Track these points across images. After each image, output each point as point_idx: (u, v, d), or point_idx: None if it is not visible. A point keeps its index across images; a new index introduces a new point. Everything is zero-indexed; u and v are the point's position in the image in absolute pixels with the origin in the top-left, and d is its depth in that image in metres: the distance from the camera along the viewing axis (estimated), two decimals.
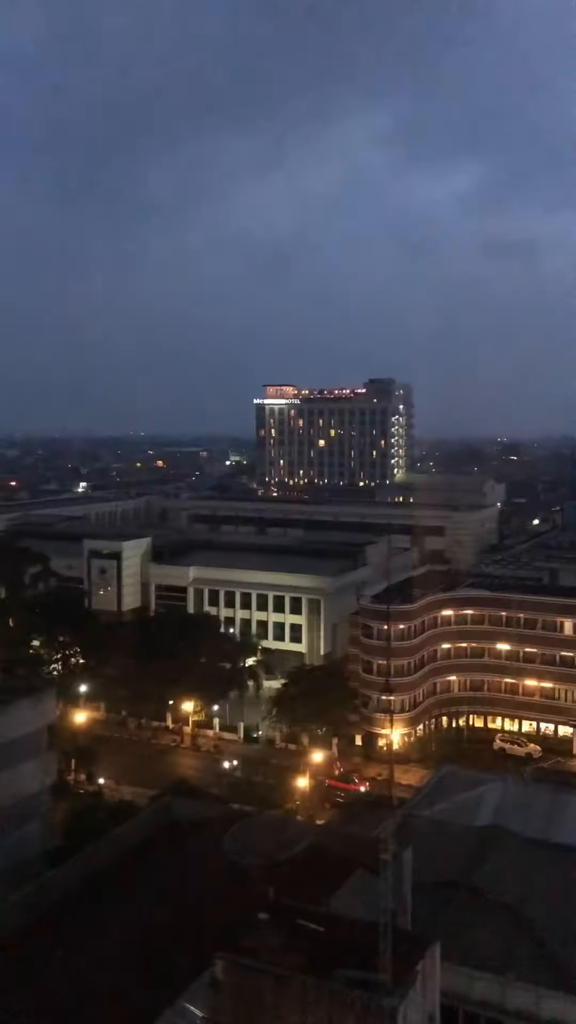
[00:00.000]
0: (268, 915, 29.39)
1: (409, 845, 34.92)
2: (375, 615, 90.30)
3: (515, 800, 55.16)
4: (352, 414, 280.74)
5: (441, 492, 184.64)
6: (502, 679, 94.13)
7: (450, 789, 58.00)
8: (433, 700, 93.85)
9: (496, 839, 45.86)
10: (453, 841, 45.80)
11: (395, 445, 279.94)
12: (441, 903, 38.08)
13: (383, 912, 27.24)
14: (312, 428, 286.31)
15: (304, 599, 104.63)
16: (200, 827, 40.40)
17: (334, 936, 28.72)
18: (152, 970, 29.44)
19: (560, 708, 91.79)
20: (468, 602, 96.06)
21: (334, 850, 36.64)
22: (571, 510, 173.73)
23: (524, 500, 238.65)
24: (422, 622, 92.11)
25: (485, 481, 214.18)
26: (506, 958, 36.22)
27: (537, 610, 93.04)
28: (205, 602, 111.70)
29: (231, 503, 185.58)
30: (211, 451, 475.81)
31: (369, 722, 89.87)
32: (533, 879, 42.62)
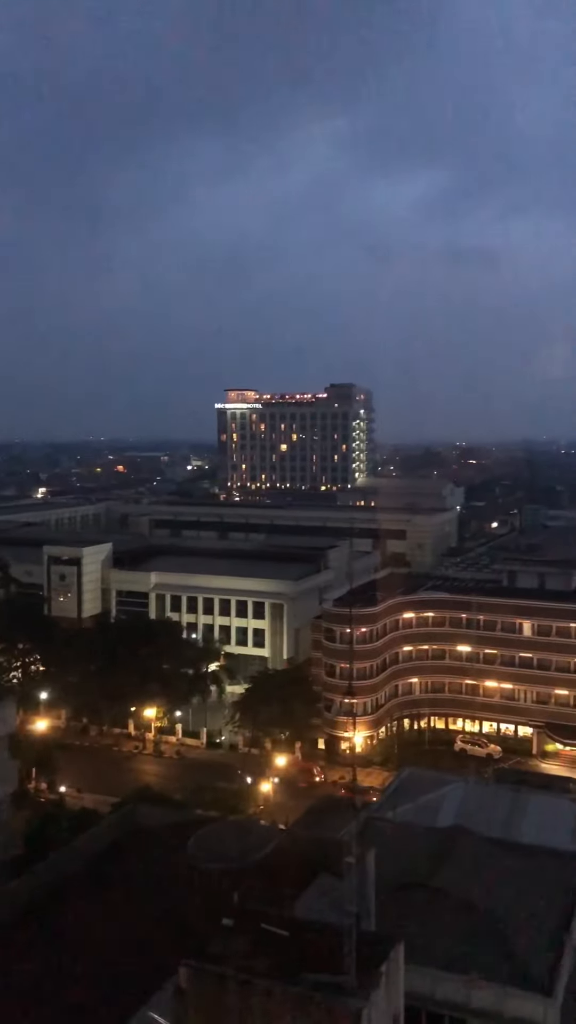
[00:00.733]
0: (232, 921, 29.34)
1: (373, 847, 35.10)
2: (337, 619, 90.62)
3: (476, 801, 55.68)
4: (313, 418, 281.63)
5: (402, 496, 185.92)
6: (463, 680, 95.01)
7: (412, 791, 58.38)
8: (395, 702, 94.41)
9: (458, 840, 46.22)
10: (416, 842, 46.09)
11: (356, 449, 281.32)
12: (405, 904, 38.31)
13: (347, 915, 27.36)
14: (274, 432, 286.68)
15: (267, 603, 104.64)
16: (163, 834, 40.22)
17: (299, 940, 28.75)
18: (116, 979, 29.24)
19: (519, 709, 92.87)
20: (429, 604, 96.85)
21: (298, 854, 36.67)
22: (528, 513, 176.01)
23: (483, 503, 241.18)
24: (384, 625, 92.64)
25: (444, 485, 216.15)
26: (469, 958, 36.52)
27: (496, 612, 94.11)
28: (167, 607, 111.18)
29: (193, 508, 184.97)
30: (172, 456, 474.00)
31: (332, 725, 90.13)
32: (495, 879, 43.04)
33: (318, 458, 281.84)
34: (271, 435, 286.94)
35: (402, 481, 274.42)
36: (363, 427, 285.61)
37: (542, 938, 38.69)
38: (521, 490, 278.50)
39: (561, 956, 37.36)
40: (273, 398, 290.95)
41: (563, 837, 51.23)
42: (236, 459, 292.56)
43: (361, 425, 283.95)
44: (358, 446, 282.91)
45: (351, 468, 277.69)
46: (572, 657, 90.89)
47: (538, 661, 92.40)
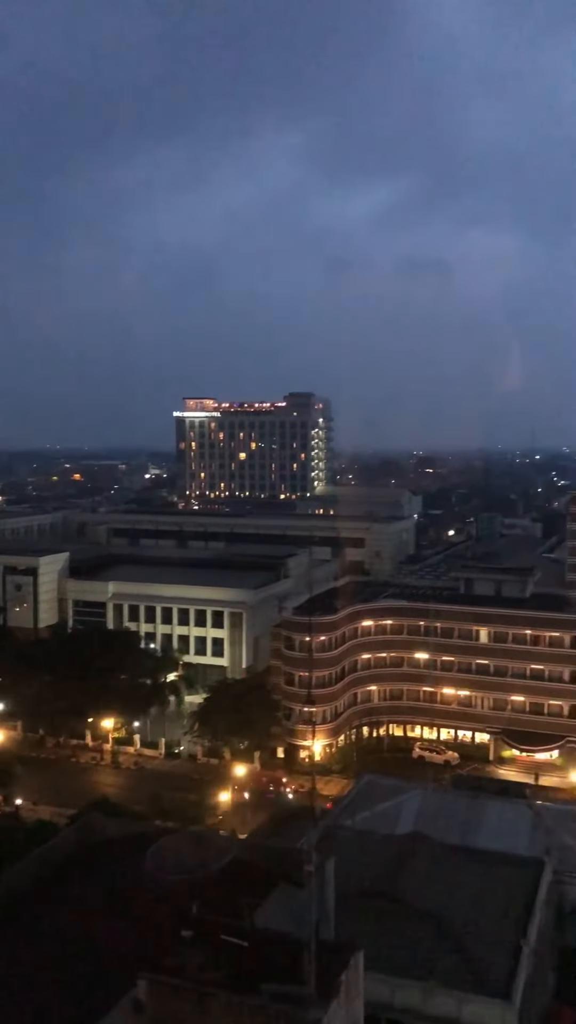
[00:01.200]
0: (191, 932, 29.15)
1: (332, 856, 35.13)
2: (297, 627, 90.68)
3: (435, 807, 56.06)
4: (272, 427, 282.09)
5: (360, 504, 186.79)
6: (420, 687, 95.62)
7: (371, 798, 58.58)
8: (354, 710, 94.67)
9: (417, 847, 46.45)
10: (374, 850, 46.23)
11: (315, 458, 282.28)
12: (364, 912, 38.38)
13: (307, 924, 27.34)
14: (233, 441, 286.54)
15: (226, 612, 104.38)
16: (121, 845, 39.82)
17: (258, 950, 28.66)
18: (73, 993, 28.88)
19: (476, 715, 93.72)
20: (387, 612, 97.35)
21: (258, 864, 36.57)
22: (484, 521, 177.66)
23: (440, 511, 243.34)
24: (343, 633, 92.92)
25: (402, 493, 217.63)
26: (428, 965, 36.70)
27: (453, 619, 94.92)
28: (125, 617, 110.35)
29: (151, 516, 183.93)
30: (130, 464, 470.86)
31: (291, 734, 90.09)
32: (453, 885, 43.32)
33: (277, 466, 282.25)
34: (230, 443, 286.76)
35: (361, 489, 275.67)
36: (322, 436, 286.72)
37: (500, 943, 39.02)
38: (477, 498, 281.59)
39: (519, 961, 37.71)
40: (232, 406, 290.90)
41: (520, 842, 51.82)
42: (195, 467, 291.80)
43: (320, 434, 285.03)
44: (317, 455, 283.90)
45: (310, 476, 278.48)
46: (528, 664, 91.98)
47: (494, 668, 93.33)
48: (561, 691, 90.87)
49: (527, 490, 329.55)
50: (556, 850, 49.91)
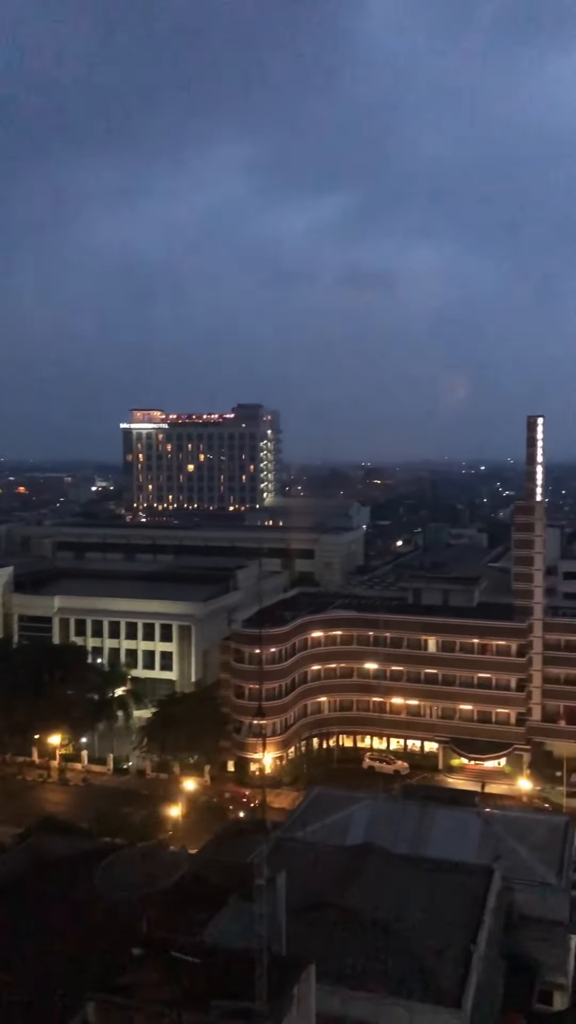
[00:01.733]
0: (142, 950, 28.82)
1: (283, 869, 35.04)
2: (246, 639, 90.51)
3: (385, 817, 56.27)
4: (221, 439, 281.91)
5: (309, 515, 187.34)
6: (370, 698, 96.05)
7: (321, 810, 58.58)
8: (304, 722, 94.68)
9: (367, 857, 46.54)
10: (325, 862, 46.22)
11: (264, 470, 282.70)
12: (315, 925, 38.32)
13: (258, 939, 27.22)
14: (181, 453, 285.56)
15: (174, 626, 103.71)
16: (70, 863, 39.22)
17: (210, 967, 28.43)
18: (22, 1017, 28.29)
19: (425, 724, 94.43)
20: (337, 623, 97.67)
21: (208, 879, 36.33)
22: (432, 531, 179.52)
23: (388, 522, 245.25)
24: (293, 644, 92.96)
25: (351, 504, 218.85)
26: (380, 975, 36.76)
27: (402, 629, 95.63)
28: (71, 632, 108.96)
29: (98, 529, 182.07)
30: (76, 477, 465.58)
31: (241, 747, 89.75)
32: (404, 895, 43.50)
33: (226, 478, 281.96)
34: (178, 455, 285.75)
35: (309, 501, 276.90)
36: (270, 447, 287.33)
37: (451, 951, 39.26)
38: (424, 509, 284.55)
39: (469, 968, 37.98)
40: (180, 418, 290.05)
41: (469, 850, 52.24)
42: (142, 480, 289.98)
43: (268, 445, 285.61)
44: (265, 466, 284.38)
45: (259, 488, 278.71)
46: (475, 672, 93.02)
47: (443, 677, 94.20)
48: (508, 699, 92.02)
49: (473, 500, 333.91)
50: (505, 857, 50.43)
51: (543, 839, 55.53)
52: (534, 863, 52.11)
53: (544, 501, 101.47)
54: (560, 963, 49.01)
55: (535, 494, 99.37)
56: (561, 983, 48.88)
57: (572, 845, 55.86)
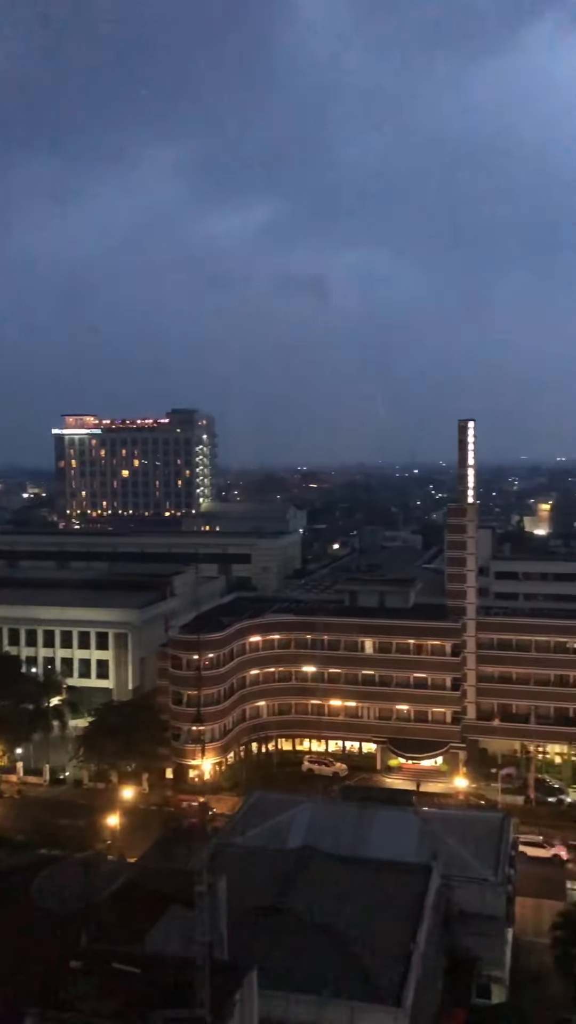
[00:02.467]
0: (81, 962, 28.47)
1: (223, 875, 34.97)
2: (184, 646, 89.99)
3: (324, 820, 56.55)
4: (156, 444, 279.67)
5: (246, 520, 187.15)
6: (309, 701, 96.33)
7: (261, 814, 58.64)
8: (243, 726, 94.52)
9: (307, 860, 46.76)
10: (266, 866, 46.28)
11: (199, 474, 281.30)
12: (257, 929, 38.32)
13: (199, 945, 27.14)
14: (115, 458, 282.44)
15: (110, 633, 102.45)
16: (6, 877, 38.49)
17: (150, 976, 28.22)
18: None
19: (363, 725, 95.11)
20: (275, 627, 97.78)
21: (148, 887, 36.06)
22: (367, 534, 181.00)
23: (324, 525, 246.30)
24: (231, 650, 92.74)
25: (288, 508, 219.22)
26: (321, 977, 36.92)
27: (339, 631, 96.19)
28: (5, 641, 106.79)
29: (30, 537, 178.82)
30: (6, 483, 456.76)
31: (179, 754, 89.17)
32: (344, 895, 43.78)
33: (161, 484, 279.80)
34: (112, 461, 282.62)
35: (246, 505, 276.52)
36: (206, 452, 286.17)
37: (390, 950, 39.65)
38: (360, 512, 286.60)
39: (409, 966, 38.42)
40: (114, 423, 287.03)
41: (408, 849, 52.84)
42: (76, 486, 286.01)
43: (204, 450, 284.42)
44: (201, 471, 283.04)
45: (195, 493, 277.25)
46: (411, 672, 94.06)
47: (380, 678, 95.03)
48: (444, 698, 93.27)
49: (407, 503, 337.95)
50: (443, 855, 51.15)
51: (480, 836, 56.53)
52: (471, 860, 53.00)
53: (476, 503, 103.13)
54: (498, 957, 49.98)
55: (467, 496, 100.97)
56: (499, 976, 49.85)
57: (508, 841, 56.98)
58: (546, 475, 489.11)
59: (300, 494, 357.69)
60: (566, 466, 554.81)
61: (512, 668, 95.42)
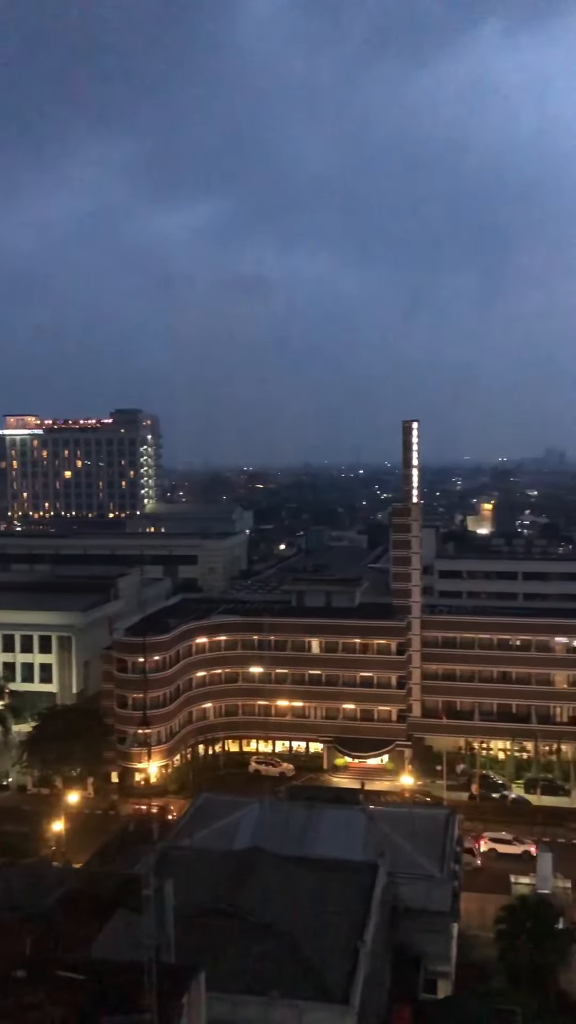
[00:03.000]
0: (25, 971, 28.05)
1: (170, 878, 34.78)
2: (129, 648, 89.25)
3: (271, 820, 56.60)
4: (99, 444, 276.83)
5: (192, 521, 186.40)
6: (255, 702, 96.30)
7: (208, 816, 58.47)
8: (189, 729, 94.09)
9: (255, 861, 46.74)
10: (213, 868, 46.14)
11: (144, 475, 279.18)
12: (204, 932, 38.19)
13: (146, 950, 26.94)
14: (57, 459, 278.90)
15: (53, 637, 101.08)
16: None
17: (97, 982, 27.94)
18: None
19: (310, 725, 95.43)
20: (221, 628, 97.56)
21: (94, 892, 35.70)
22: (313, 534, 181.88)
23: (271, 526, 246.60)
24: (177, 652, 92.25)
25: (234, 509, 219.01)
26: (269, 978, 36.96)
27: (286, 631, 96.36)
28: None
29: None
30: None
31: (125, 757, 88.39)
32: (292, 896, 43.89)
33: (105, 485, 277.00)
34: (54, 462, 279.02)
35: (192, 506, 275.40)
36: (151, 453, 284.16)
37: (338, 948, 39.88)
38: (306, 512, 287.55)
39: (356, 964, 38.67)
40: (56, 424, 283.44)
41: (355, 847, 53.17)
42: (16, 487, 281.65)
43: (148, 451, 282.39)
44: (146, 472, 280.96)
45: (140, 494, 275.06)
46: (358, 672, 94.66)
47: (326, 677, 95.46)
48: (389, 697, 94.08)
49: (353, 503, 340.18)
50: (389, 852, 51.57)
51: (426, 832, 57.12)
52: (418, 856, 53.54)
53: (420, 503, 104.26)
54: (444, 952, 50.58)
55: (412, 496, 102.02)
56: (445, 971, 50.45)
57: (453, 837, 57.71)
58: (488, 475, 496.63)
59: (246, 495, 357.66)
60: (507, 466, 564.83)
61: (456, 665, 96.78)
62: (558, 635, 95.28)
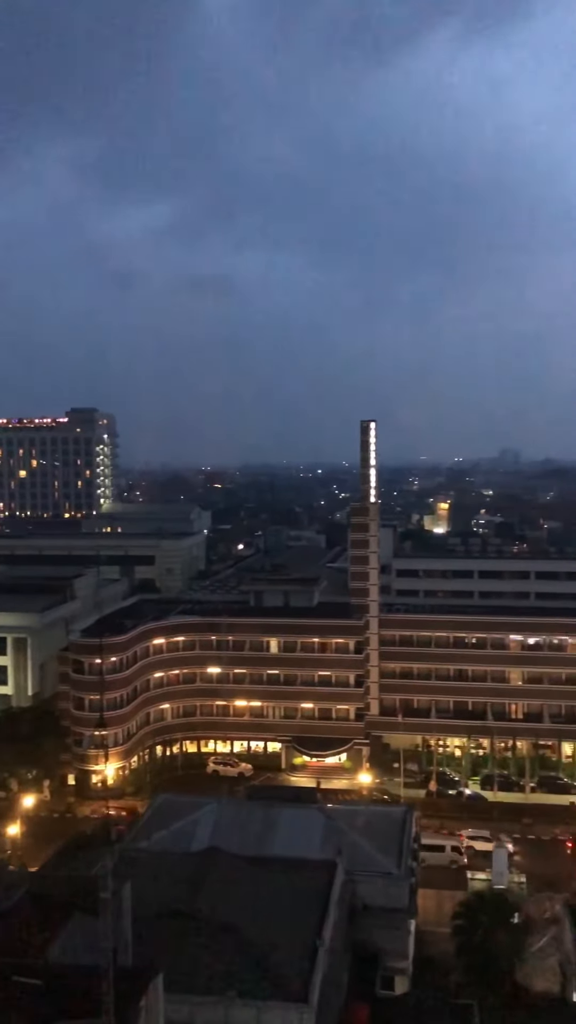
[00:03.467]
0: None
1: (127, 880, 34.59)
2: (85, 650, 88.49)
3: (230, 820, 56.54)
4: (55, 444, 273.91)
5: (149, 521, 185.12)
6: (214, 702, 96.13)
7: (167, 818, 58.21)
8: (147, 730, 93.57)
9: (213, 861, 46.66)
10: (172, 869, 45.97)
11: (100, 475, 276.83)
12: (163, 934, 38.03)
13: (104, 953, 26.76)
14: (12, 459, 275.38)
15: (9, 638, 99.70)
16: None
17: (54, 987, 27.68)
18: None
19: (268, 725, 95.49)
20: (179, 629, 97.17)
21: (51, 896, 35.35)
22: (272, 534, 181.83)
23: (229, 526, 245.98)
24: (134, 653, 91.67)
25: (192, 509, 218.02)
26: (228, 978, 36.92)
27: (244, 632, 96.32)
28: None
29: None
30: None
31: (82, 759, 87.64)
32: (250, 895, 43.89)
33: (61, 484, 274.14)
34: (8, 461, 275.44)
35: (149, 506, 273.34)
36: (107, 452, 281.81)
37: (297, 947, 39.96)
38: (264, 512, 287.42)
39: (314, 962, 38.79)
40: (10, 423, 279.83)
41: (313, 846, 53.32)
42: None
43: (105, 450, 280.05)
44: (103, 471, 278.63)
45: (96, 494, 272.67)
46: (316, 671, 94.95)
47: (285, 677, 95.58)
48: (347, 695, 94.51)
49: (311, 503, 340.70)
50: (347, 850, 51.80)
51: (383, 830, 57.50)
52: (375, 854, 53.86)
53: (378, 502, 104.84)
54: (401, 949, 50.94)
55: (369, 496, 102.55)
56: (402, 968, 50.82)
57: (410, 834, 58.15)
58: (444, 475, 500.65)
59: (204, 494, 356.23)
60: (463, 466, 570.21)
61: (414, 664, 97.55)
62: (513, 633, 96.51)
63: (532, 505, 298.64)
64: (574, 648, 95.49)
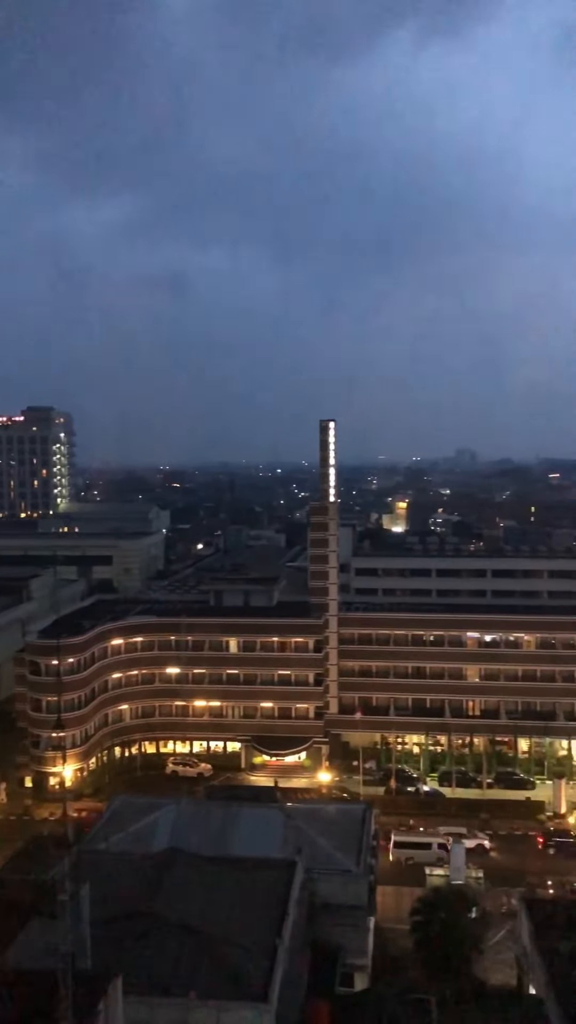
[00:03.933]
0: None
1: (86, 882, 34.32)
2: (42, 651, 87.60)
3: (190, 821, 56.37)
4: (9, 442, 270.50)
5: (107, 521, 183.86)
6: (173, 702, 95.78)
7: (125, 819, 57.84)
8: (105, 731, 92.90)
9: (172, 862, 46.47)
10: (131, 870, 45.70)
11: (57, 474, 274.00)
12: (123, 936, 37.78)
13: (61, 956, 26.53)
14: None
15: None
16: None
17: (11, 992, 27.36)
18: None
19: (228, 725, 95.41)
20: (137, 629, 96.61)
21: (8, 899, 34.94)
22: (231, 533, 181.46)
23: (188, 525, 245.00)
24: (92, 654, 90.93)
25: (150, 508, 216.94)
26: (189, 979, 36.79)
27: (204, 631, 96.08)
28: None
29: None
30: None
31: (39, 761, 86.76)
32: (210, 895, 43.78)
33: (16, 484, 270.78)
34: None
35: (107, 506, 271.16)
36: (63, 451, 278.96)
37: (257, 946, 39.95)
38: (224, 511, 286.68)
39: (275, 961, 38.81)
40: None
41: (273, 845, 53.37)
42: None
43: (61, 449, 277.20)
44: (59, 471, 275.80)
45: (52, 494, 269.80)
46: (276, 670, 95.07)
47: (244, 677, 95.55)
48: (307, 694, 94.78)
49: (270, 502, 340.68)
50: (307, 849, 51.90)
51: (343, 828, 57.73)
52: (334, 852, 54.04)
53: (337, 502, 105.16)
54: (360, 946, 51.17)
55: (329, 495, 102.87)
56: (362, 964, 51.06)
57: (369, 832, 58.47)
58: (402, 474, 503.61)
59: (163, 494, 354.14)
60: (421, 465, 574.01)
61: (372, 662, 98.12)
62: (470, 630, 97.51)
63: (488, 504, 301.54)
64: (529, 645, 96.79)
